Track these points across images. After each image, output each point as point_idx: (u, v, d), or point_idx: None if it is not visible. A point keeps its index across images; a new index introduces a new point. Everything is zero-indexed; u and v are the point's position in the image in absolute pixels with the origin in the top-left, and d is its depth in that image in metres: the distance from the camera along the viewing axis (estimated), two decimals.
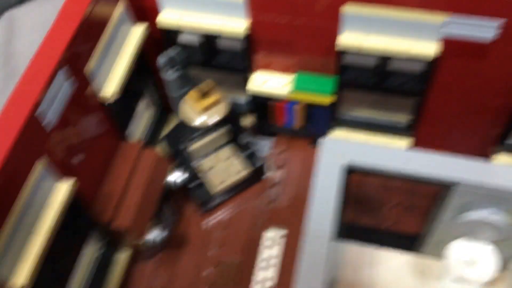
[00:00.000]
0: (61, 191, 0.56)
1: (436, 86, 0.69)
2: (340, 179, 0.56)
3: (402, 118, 0.76)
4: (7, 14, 1.03)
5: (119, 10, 0.64)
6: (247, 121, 0.81)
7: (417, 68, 0.67)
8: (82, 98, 0.59)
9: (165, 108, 0.83)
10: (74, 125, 0.59)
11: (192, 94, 0.63)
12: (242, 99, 0.81)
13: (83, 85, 0.59)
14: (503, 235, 0.59)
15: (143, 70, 0.73)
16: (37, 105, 0.51)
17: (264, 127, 0.82)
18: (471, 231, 0.60)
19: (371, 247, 0.70)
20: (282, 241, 0.69)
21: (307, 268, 0.50)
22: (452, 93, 0.70)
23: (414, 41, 0.62)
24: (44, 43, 0.55)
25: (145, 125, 0.79)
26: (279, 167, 0.81)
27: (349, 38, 0.63)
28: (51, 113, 0.54)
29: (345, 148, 0.57)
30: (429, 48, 0.62)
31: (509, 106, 0.69)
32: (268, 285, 0.67)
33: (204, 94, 0.64)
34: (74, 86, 0.57)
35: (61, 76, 0.54)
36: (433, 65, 0.64)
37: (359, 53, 0.63)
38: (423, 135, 0.77)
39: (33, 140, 0.51)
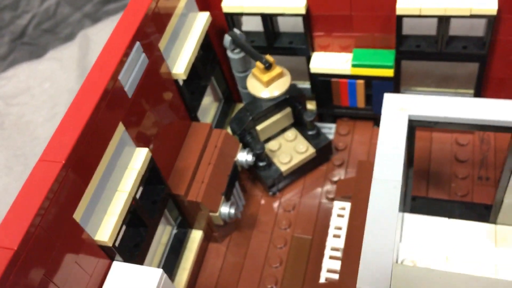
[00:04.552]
0: (140, 154, 0.59)
1: (498, 48, 0.69)
2: (408, 132, 0.57)
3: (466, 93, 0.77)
4: (82, 33, 1.12)
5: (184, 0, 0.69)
6: (311, 106, 0.83)
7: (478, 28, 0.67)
8: (156, 73, 0.64)
9: (230, 99, 0.86)
10: (150, 98, 0.63)
11: (258, 65, 0.66)
12: (304, 85, 0.83)
13: (157, 61, 0.64)
14: None
15: (209, 58, 0.77)
16: (119, 69, 0.55)
17: (328, 111, 0.83)
18: None
19: (443, 218, 0.68)
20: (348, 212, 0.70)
21: (374, 238, 0.50)
22: None
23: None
24: (119, 23, 0.61)
25: (213, 114, 0.83)
26: (344, 149, 0.82)
27: (409, 1, 0.65)
28: (130, 82, 0.58)
29: (409, 100, 0.58)
30: (490, 3, 0.63)
31: None
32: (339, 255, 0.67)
33: (268, 67, 0.67)
34: (149, 61, 0.62)
35: (138, 48, 0.59)
36: (495, 23, 0.65)
37: (420, 15, 0.65)
38: None
39: (117, 100, 0.55)
